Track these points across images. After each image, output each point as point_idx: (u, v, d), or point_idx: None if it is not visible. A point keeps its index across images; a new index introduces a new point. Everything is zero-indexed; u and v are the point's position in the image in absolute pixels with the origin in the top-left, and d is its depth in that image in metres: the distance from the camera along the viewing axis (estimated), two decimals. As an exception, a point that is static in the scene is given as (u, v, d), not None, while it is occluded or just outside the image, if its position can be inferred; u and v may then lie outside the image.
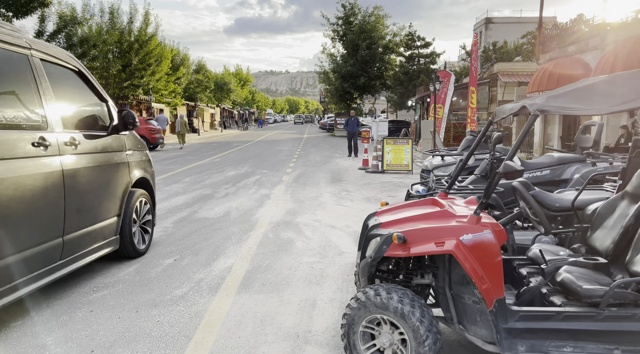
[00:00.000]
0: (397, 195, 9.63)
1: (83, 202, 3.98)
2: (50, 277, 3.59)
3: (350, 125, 18.72)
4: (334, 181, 11.74)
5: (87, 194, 4.04)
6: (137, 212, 5.01)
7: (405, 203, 3.32)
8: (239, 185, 10.75)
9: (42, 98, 3.63)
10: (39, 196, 3.40)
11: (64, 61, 4.11)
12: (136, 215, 4.98)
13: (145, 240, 5.23)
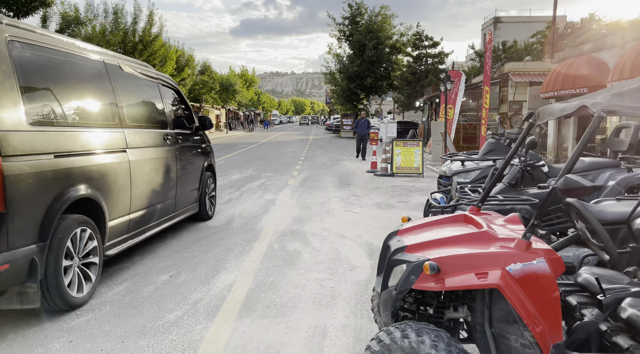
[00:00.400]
0: (408, 200, 9.16)
1: (184, 176, 6.09)
2: (169, 223, 5.75)
3: (360, 127, 17.82)
4: (341, 185, 11.28)
5: (185, 171, 6.15)
6: (207, 187, 7.14)
7: (432, 219, 2.85)
8: (243, 189, 10.32)
9: (165, 108, 5.86)
10: (166, 169, 5.52)
11: (171, 84, 6.34)
12: (207, 189, 7.11)
13: (212, 208, 7.41)
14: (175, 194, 5.81)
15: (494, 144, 5.25)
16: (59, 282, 3.49)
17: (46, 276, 3.42)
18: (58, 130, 3.67)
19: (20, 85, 3.33)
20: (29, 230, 3.30)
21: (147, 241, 5.81)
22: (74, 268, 3.73)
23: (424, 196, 9.62)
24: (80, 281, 3.80)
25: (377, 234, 6.31)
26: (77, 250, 3.78)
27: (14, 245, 3.16)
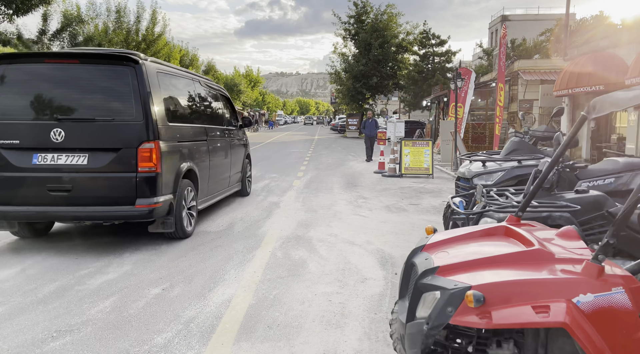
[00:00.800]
0: (420, 202, 8.69)
1: (234, 161, 8.07)
2: (224, 195, 7.71)
3: (368, 128, 17.03)
4: (348, 186, 10.82)
5: (235, 157, 8.12)
6: (246, 171, 9.09)
7: (463, 232, 2.39)
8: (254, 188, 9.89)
9: (223, 111, 7.93)
10: (225, 155, 7.50)
11: (225, 93, 8.40)
12: (246, 172, 9.09)
13: (249, 187, 9.44)
14: (229, 174, 7.93)
15: (518, 143, 4.77)
16: (181, 218, 5.63)
17: (175, 213, 5.45)
18: (179, 125, 5.79)
19: (163, 98, 5.42)
20: (169, 185, 5.35)
21: (141, 248, 5.38)
22: (186, 211, 5.80)
23: (435, 199, 9.15)
24: (189, 220, 5.94)
25: (388, 240, 5.85)
26: (186, 202, 5.82)
27: (162, 193, 5.18)
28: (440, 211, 7.86)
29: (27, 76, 5.07)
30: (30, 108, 5.01)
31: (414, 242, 5.80)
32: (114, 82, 5.08)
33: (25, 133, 4.95)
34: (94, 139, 4.98)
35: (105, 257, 5.03)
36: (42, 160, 4.93)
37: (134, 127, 4.98)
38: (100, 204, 5.00)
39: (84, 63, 5.14)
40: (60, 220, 5.48)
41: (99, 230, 6.23)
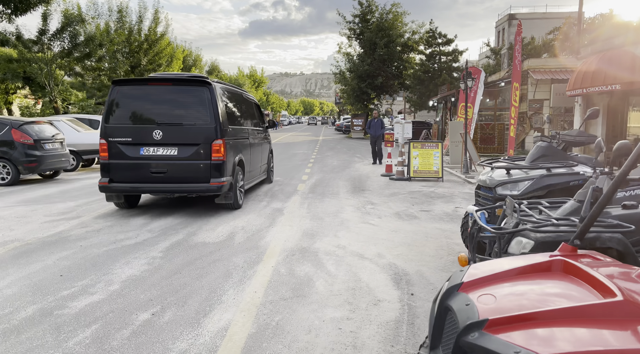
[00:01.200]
0: (431, 209, 8.22)
1: (263, 154, 10.14)
2: (256, 181, 9.76)
3: (374, 128, 16.40)
4: (355, 190, 10.38)
5: (263, 152, 10.22)
6: (270, 164, 11.10)
7: (507, 266, 1.94)
8: (248, 196, 9.46)
9: (256, 115, 10.06)
10: (258, 149, 9.55)
11: (256, 101, 10.32)
12: (270, 164, 11.08)
13: (272, 176, 11.40)
14: (260, 164, 9.98)
15: (546, 148, 4.30)
16: (237, 194, 7.72)
17: (233, 190, 7.55)
18: (234, 127, 7.87)
19: (225, 108, 7.51)
20: (230, 170, 7.39)
21: (133, 261, 4.96)
22: (238, 189, 7.85)
23: (447, 204, 8.69)
24: (240, 195, 8.03)
25: (401, 253, 5.40)
26: (238, 182, 7.84)
27: (226, 175, 7.22)
28: (453, 218, 7.40)
29: (136, 94, 7.35)
30: (138, 116, 7.25)
31: (430, 255, 5.35)
32: (194, 98, 7.19)
33: (135, 133, 7.16)
34: (181, 137, 7.16)
35: (93, 273, 4.61)
36: (147, 152, 7.15)
37: (209, 129, 7.14)
38: (186, 182, 7.17)
39: (174, 85, 7.33)
40: (158, 193, 7.71)
41: (94, 240, 5.82)
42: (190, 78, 7.40)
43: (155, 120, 7.12)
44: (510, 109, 9.17)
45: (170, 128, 7.08)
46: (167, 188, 7.22)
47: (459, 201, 9.13)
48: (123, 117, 7.17)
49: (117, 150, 7.11)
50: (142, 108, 7.22)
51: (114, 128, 7.15)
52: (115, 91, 7.22)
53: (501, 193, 4.26)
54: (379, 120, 16.59)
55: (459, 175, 13.03)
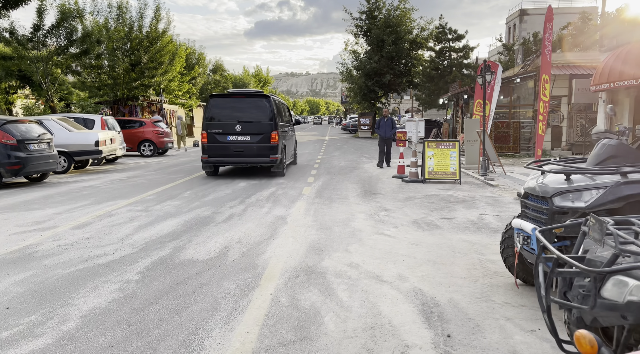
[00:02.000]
0: (453, 216, 7.29)
1: (294, 143, 15.08)
2: (289, 161, 14.03)
3: (383, 128, 14.56)
4: (366, 194, 9.46)
5: (293, 141, 14.93)
6: (296, 151, 15.89)
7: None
8: (249, 201, 8.58)
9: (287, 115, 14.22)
10: (290, 140, 13.82)
11: (286, 105, 14.33)
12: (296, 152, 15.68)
13: (297, 161, 15.85)
14: (292, 149, 13.77)
15: (616, 147, 3.37)
16: (284, 166, 12.26)
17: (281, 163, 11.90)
18: (281, 123, 12.03)
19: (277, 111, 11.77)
20: (279, 150, 11.52)
21: (100, 290, 4.08)
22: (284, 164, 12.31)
23: (470, 211, 7.75)
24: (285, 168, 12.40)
25: (427, 274, 4.48)
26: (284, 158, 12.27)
27: (278, 154, 11.47)
28: (480, 228, 6.47)
29: (224, 102, 11.37)
30: (226, 116, 11.20)
31: (461, 277, 4.42)
32: (260, 105, 11.27)
33: (224, 127, 11.15)
34: (252, 130, 11.13)
35: (49, 304, 3.74)
36: (231, 139, 11.13)
37: (269, 125, 11.14)
38: (255, 157, 11.19)
39: (247, 97, 11.54)
40: (237, 165, 11.83)
41: (62, 257, 4.95)
42: (257, 93, 11.82)
43: (236, 119, 11.32)
44: (539, 104, 8.20)
45: (245, 124, 11.33)
46: (242, 161, 11.52)
47: (482, 206, 8.19)
48: (216, 117, 11.44)
49: (212, 137, 11.32)
50: (228, 112, 11.37)
51: (210, 124, 11.41)
52: (212, 101, 11.59)
53: (561, 205, 3.33)
54: (389, 119, 14.80)
55: (477, 177, 12.07)
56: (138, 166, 15.43)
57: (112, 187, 10.36)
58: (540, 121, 7.94)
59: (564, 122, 20.36)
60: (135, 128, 18.67)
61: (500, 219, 7.08)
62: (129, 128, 18.59)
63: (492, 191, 9.89)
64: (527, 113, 21.44)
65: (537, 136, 7.97)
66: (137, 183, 11.12)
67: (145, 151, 18.73)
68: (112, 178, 11.92)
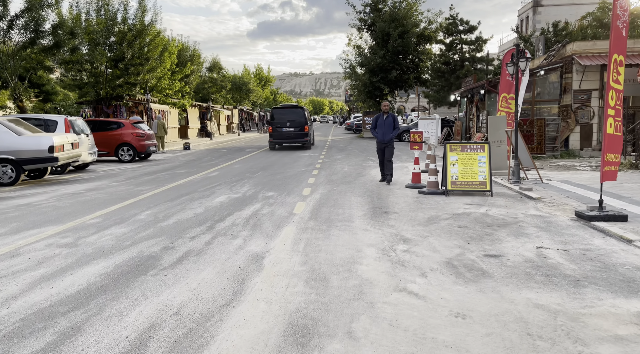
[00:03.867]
0: (501, 251, 5.12)
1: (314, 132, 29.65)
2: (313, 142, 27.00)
3: (381, 128, 10.72)
4: (375, 213, 7.32)
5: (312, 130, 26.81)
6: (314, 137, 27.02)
7: None
8: (220, 227, 6.45)
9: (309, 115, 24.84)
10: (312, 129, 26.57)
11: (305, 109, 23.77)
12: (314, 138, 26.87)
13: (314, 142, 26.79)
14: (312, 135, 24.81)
15: None
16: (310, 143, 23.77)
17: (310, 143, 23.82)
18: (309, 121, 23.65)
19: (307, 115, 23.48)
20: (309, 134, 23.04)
21: None
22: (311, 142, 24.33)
23: (520, 241, 5.58)
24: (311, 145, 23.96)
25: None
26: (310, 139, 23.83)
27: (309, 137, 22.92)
28: (549, 276, 4.32)
29: (280, 111, 22.83)
30: (280, 118, 22.23)
31: None
32: (298, 112, 22.53)
33: (281, 123, 22.14)
34: (295, 124, 22.12)
35: None
36: (285, 129, 22.10)
37: (303, 122, 22.28)
38: (296, 138, 22.21)
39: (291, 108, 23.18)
40: (287, 143, 22.56)
41: None
42: (296, 105, 22.87)
43: (286, 119, 21.66)
44: (608, 94, 6.05)
45: (292, 122, 21.64)
46: (290, 141, 21.85)
47: (534, 233, 6.02)
48: (276, 118, 21.86)
49: (274, 129, 21.75)
50: (282, 115, 21.91)
51: (273, 122, 21.94)
52: (273, 110, 22.64)
53: None
54: (390, 116, 10.75)
55: (510, 186, 9.89)
56: (109, 174, 13.34)
57: (54, 206, 8.25)
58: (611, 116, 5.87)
59: (595, 118, 18.10)
60: (112, 131, 16.61)
61: (573, 258, 4.91)
62: (105, 130, 16.53)
63: (536, 208, 7.72)
64: (552, 110, 19.19)
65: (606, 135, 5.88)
66: (90, 198, 9.01)
67: (124, 156, 16.65)
68: (63, 192, 9.82)
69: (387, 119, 10.81)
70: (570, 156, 17.60)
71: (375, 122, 10.98)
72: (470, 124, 24.28)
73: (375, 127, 10.95)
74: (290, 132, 21.75)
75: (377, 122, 10.93)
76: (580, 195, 8.65)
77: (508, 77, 13.37)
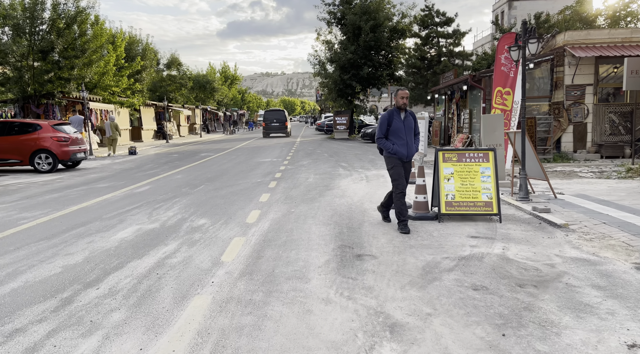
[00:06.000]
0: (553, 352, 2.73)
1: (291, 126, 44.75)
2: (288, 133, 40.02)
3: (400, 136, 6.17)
4: (344, 260, 4.86)
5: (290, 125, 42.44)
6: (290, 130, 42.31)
7: None
8: (80, 303, 3.86)
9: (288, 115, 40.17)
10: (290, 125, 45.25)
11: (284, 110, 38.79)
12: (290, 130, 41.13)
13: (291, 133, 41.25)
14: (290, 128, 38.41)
15: None
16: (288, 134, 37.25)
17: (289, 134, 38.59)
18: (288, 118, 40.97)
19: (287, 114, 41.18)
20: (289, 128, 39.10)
21: None
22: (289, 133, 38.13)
23: (588, 327, 3.20)
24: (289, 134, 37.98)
25: None
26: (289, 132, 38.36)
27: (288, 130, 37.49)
28: None
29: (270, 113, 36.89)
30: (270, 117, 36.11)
31: None
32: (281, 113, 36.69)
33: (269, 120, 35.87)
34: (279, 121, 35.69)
35: None
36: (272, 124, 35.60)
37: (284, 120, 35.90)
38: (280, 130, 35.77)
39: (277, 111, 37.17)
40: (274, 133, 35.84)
41: None
42: (280, 109, 37.69)
43: (274, 117, 35.85)
44: None
45: (277, 119, 35.62)
46: (276, 132, 35.36)
47: (596, 300, 3.69)
48: (267, 117, 36.13)
49: (266, 124, 35.66)
50: (271, 115, 36.11)
51: (265, 120, 35.96)
52: (265, 113, 36.98)
53: None
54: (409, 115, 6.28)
55: (518, 205, 7.62)
56: (5, 191, 10.44)
57: None
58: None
59: (589, 117, 16.22)
60: (27, 134, 13.61)
61: None
62: (17, 133, 13.53)
63: (571, 243, 5.42)
64: (542, 108, 17.24)
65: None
66: None
67: (42, 165, 13.66)
68: None
69: (407, 120, 6.18)
70: (564, 159, 15.63)
71: (387, 125, 6.18)
72: (450, 124, 22.21)
73: (387, 134, 6.20)
74: (276, 126, 35.50)
75: (392, 125, 6.15)
76: (618, 219, 6.43)
77: (503, 68, 11.19)
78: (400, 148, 6.15)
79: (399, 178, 6.19)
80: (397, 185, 6.20)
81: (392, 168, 6.23)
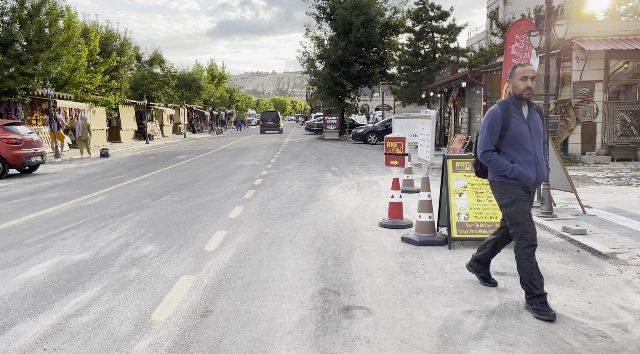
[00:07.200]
0: None
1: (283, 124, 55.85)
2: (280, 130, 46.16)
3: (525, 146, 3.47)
4: (325, 320, 3.40)
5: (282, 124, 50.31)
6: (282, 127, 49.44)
7: None
8: None
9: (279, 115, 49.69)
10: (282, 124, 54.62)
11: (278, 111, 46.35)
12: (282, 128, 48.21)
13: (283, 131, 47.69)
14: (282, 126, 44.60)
15: None
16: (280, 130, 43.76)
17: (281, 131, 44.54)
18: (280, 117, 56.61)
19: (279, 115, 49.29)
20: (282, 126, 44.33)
21: None
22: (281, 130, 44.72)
23: None
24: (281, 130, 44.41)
25: None
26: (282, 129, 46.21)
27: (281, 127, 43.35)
28: None
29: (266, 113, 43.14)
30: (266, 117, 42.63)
31: None
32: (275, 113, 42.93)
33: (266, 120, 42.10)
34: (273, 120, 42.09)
35: None
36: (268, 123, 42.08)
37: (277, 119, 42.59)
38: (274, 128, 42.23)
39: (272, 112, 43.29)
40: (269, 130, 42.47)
41: None
42: (274, 110, 43.12)
43: (269, 117, 42.04)
44: None
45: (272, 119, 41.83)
46: (271, 129, 41.76)
47: None
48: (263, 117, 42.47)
49: (263, 123, 41.72)
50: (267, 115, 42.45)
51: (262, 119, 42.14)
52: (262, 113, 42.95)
53: None
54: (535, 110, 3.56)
55: (543, 223, 6.22)
56: None
57: None
58: None
59: (599, 116, 14.93)
60: (-29, 136, 11.97)
61: None
62: (-40, 135, 11.89)
63: (631, 283, 4.04)
64: (550, 105, 15.90)
65: None
66: None
67: (-11, 170, 12.05)
68: None
69: (534, 119, 3.56)
70: (572, 162, 14.32)
71: (501, 129, 3.51)
72: (447, 124, 20.85)
73: (499, 145, 3.57)
74: (271, 124, 41.68)
75: (510, 129, 3.48)
76: (679, 247, 5.05)
77: (514, 60, 9.82)
78: (525, 170, 3.49)
79: (524, 220, 3.50)
80: (524, 233, 3.49)
81: (513, 203, 3.52)
